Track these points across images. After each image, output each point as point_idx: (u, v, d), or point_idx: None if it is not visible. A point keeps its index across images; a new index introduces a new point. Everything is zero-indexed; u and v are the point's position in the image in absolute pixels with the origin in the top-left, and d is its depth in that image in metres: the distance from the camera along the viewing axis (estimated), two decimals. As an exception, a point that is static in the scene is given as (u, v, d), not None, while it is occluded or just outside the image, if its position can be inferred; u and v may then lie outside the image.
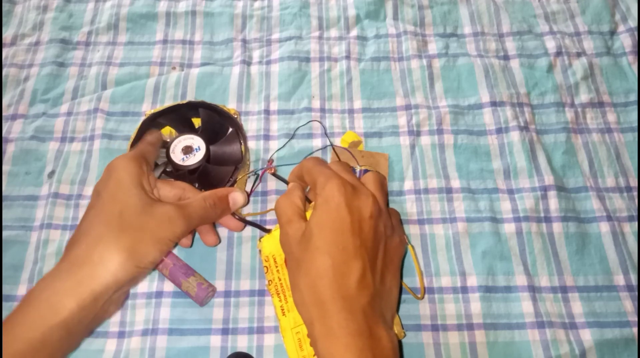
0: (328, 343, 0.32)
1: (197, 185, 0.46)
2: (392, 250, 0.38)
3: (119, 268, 0.33)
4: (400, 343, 0.41)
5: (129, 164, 0.37)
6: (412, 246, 0.47)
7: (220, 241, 0.47)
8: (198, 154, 0.46)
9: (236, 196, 0.42)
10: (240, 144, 0.48)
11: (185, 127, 0.50)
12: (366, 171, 0.47)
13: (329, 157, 0.52)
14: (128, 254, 0.34)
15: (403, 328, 0.40)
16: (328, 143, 0.53)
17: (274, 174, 0.48)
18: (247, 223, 0.45)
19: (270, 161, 0.51)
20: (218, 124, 0.50)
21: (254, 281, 0.46)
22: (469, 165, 0.52)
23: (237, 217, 0.44)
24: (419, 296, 0.45)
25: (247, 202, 0.45)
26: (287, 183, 0.46)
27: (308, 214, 0.39)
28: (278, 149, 0.53)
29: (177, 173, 0.46)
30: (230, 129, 0.50)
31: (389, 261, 0.37)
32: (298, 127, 0.54)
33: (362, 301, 0.33)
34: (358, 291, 0.34)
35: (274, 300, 0.40)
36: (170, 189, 0.41)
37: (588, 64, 0.58)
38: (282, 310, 0.39)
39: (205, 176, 0.47)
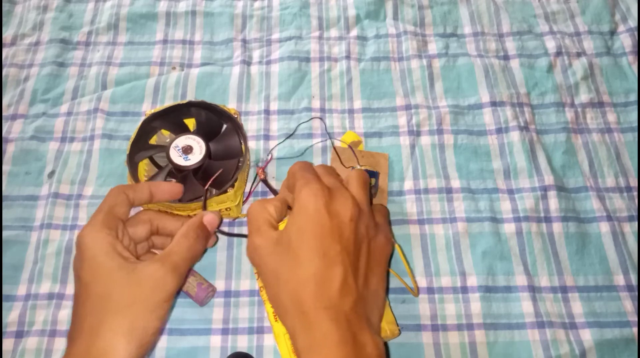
0: (312, 356, 0.32)
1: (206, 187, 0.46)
2: (376, 250, 0.37)
3: (124, 355, 0.32)
4: (386, 345, 0.40)
5: (97, 235, 0.34)
6: (399, 246, 0.46)
7: (217, 239, 0.47)
8: (198, 152, 0.46)
9: (211, 220, 0.40)
10: (240, 141, 0.48)
11: (180, 129, 0.49)
12: (366, 171, 0.47)
13: (329, 156, 0.52)
14: (128, 338, 0.32)
15: (398, 326, 0.39)
16: (329, 142, 0.53)
17: (264, 181, 0.47)
18: (227, 234, 0.45)
19: (271, 156, 0.51)
20: (213, 121, 0.49)
21: (254, 281, 0.46)
22: (469, 165, 0.52)
23: (218, 231, 0.43)
24: (414, 293, 0.45)
25: (222, 220, 0.44)
26: (276, 193, 0.45)
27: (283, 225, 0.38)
28: (278, 144, 0.53)
29: (180, 174, 0.46)
30: (226, 124, 0.50)
31: (373, 262, 0.37)
32: (299, 124, 0.54)
33: (346, 307, 0.33)
34: (340, 298, 0.33)
35: (266, 306, 0.39)
36: (141, 229, 0.39)
37: (588, 64, 0.58)
38: (275, 315, 0.39)
39: (210, 172, 0.47)
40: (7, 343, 0.44)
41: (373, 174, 0.47)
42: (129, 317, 0.32)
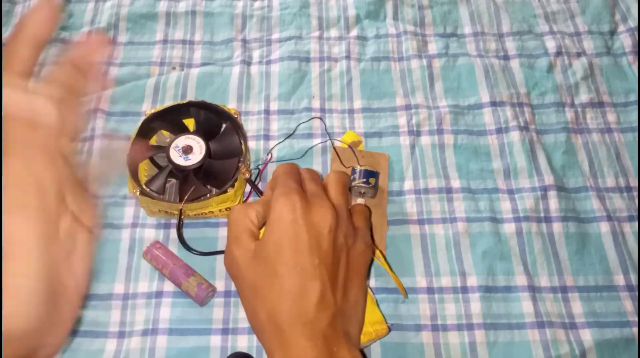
0: None
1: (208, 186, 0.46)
2: (355, 259, 0.36)
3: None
4: (362, 352, 0.39)
5: None
6: (381, 251, 0.46)
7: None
8: (198, 152, 0.46)
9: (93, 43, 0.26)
10: (240, 141, 0.48)
11: (180, 129, 0.49)
12: (366, 171, 0.47)
13: (329, 156, 0.52)
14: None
15: (387, 323, 0.39)
16: (329, 142, 0.53)
17: (249, 181, 0.46)
18: (205, 254, 0.45)
19: (271, 155, 0.52)
20: (212, 121, 0.50)
21: (254, 281, 0.46)
22: (469, 165, 0.52)
23: (195, 252, 0.43)
24: (404, 294, 0.45)
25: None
26: (261, 193, 0.44)
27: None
28: (277, 144, 0.53)
29: (181, 174, 0.46)
30: (225, 124, 0.50)
31: (352, 272, 0.35)
32: (299, 124, 0.54)
33: (323, 323, 0.32)
34: (318, 313, 0.32)
35: None
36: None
37: (588, 64, 0.58)
38: None
39: (210, 172, 0.47)
40: (7, 343, 0.44)
41: (373, 174, 0.47)
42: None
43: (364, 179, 0.47)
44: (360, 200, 0.48)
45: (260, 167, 0.51)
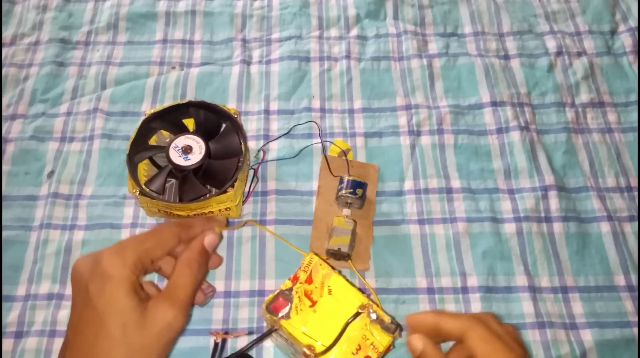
0: None
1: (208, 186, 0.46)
2: None
3: None
4: None
5: (124, 271, 0.33)
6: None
7: (222, 260, 0.43)
8: (198, 152, 0.46)
9: (212, 241, 0.37)
10: (240, 141, 0.48)
11: (179, 129, 0.49)
12: (354, 181, 0.47)
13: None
14: None
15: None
16: (325, 147, 0.53)
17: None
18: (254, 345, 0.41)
19: (263, 152, 0.51)
20: (212, 121, 0.49)
21: (254, 281, 0.46)
22: (470, 165, 0.52)
23: (220, 332, 0.42)
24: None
25: (221, 238, 0.44)
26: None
27: None
28: (267, 142, 0.53)
29: (180, 174, 0.46)
30: (225, 124, 0.50)
31: None
32: (294, 126, 0.54)
33: None
34: None
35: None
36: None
37: (588, 63, 0.58)
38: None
39: (209, 172, 0.46)
40: (7, 344, 0.44)
41: (361, 185, 0.47)
42: None
43: (351, 190, 0.46)
44: (346, 211, 0.47)
45: (254, 167, 0.51)
